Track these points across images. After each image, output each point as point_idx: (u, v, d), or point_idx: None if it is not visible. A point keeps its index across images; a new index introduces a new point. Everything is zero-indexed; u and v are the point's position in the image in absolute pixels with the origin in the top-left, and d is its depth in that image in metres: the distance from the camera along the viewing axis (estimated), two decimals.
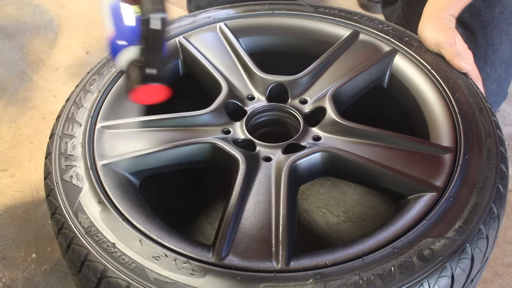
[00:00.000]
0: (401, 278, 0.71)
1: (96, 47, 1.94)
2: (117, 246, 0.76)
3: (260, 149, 0.93)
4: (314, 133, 0.96)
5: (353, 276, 0.72)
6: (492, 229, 0.80)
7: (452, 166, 0.86)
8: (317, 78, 1.06)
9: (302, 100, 1.03)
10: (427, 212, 0.80)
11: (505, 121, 1.64)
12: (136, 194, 0.89)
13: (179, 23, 1.16)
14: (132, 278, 0.73)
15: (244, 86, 1.05)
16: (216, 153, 0.93)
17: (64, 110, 0.98)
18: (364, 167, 0.89)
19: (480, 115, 0.94)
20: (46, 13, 2.12)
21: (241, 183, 0.85)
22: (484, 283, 1.22)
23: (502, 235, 1.31)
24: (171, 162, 0.93)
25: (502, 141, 0.92)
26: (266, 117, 1.03)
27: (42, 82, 1.80)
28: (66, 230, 0.80)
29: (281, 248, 0.76)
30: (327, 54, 1.08)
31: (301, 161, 0.89)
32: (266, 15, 1.18)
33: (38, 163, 1.51)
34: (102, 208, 0.81)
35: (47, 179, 0.88)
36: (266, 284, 0.71)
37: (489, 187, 0.83)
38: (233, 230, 0.80)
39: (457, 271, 0.74)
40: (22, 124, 1.64)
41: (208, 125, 0.97)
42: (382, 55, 1.07)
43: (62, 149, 0.90)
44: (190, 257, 0.75)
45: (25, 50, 1.94)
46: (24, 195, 1.43)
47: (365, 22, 1.14)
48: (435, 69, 1.02)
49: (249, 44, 1.15)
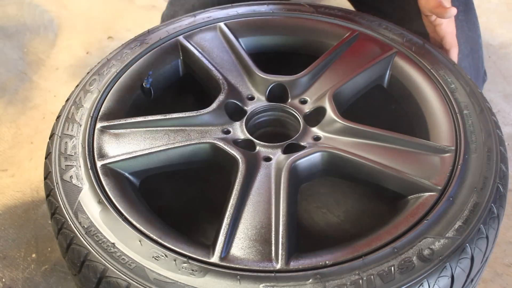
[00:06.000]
0: (401, 278, 0.71)
1: (96, 47, 1.94)
2: (117, 246, 0.76)
3: (260, 149, 0.93)
4: (314, 133, 0.96)
5: (353, 276, 0.72)
6: (492, 229, 0.80)
7: (452, 166, 0.86)
8: (317, 78, 1.06)
9: (302, 100, 1.03)
10: (427, 212, 0.80)
11: (505, 121, 1.64)
12: (136, 194, 0.89)
13: (179, 23, 1.16)
14: (132, 278, 0.73)
15: (244, 86, 1.05)
16: (216, 153, 0.93)
17: (64, 110, 0.98)
18: (364, 167, 0.89)
19: (480, 115, 0.94)
20: (46, 13, 2.12)
21: (241, 183, 0.85)
22: (484, 283, 1.22)
23: (502, 235, 1.31)
24: (171, 162, 0.93)
25: (502, 141, 0.92)
26: (266, 117, 1.03)
27: (42, 82, 1.80)
28: (66, 230, 0.80)
29: (281, 248, 0.76)
30: (327, 54, 1.08)
31: (301, 161, 0.89)
32: (266, 15, 1.18)
33: (38, 163, 1.51)
34: (102, 208, 0.81)
35: (47, 179, 0.88)
36: (266, 284, 0.72)
37: (489, 187, 0.83)
38: (233, 230, 0.80)
39: (457, 271, 0.74)
40: (22, 124, 1.64)
41: (208, 125, 0.97)
42: (382, 55, 1.07)
43: (62, 149, 0.90)
44: (190, 257, 0.75)
45: (25, 50, 1.94)
46: (24, 195, 1.43)
47: (365, 22, 1.14)
48: (435, 69, 1.02)
49: (249, 44, 1.15)
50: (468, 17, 1.33)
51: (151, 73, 1.06)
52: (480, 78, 1.38)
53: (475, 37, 1.35)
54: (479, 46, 1.36)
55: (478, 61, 1.36)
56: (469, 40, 1.31)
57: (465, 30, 1.27)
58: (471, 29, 1.34)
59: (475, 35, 1.35)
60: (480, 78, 1.38)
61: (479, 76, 1.37)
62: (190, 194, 1.26)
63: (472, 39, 1.33)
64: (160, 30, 1.13)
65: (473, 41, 1.34)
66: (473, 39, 1.34)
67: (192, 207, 1.26)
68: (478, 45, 1.36)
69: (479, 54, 1.36)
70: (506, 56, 1.88)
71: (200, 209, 1.26)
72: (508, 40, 1.96)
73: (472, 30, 1.34)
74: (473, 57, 1.33)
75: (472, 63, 1.33)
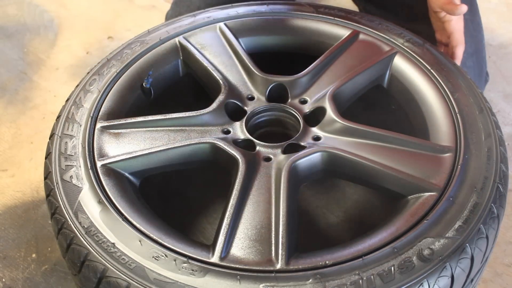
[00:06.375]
0: (401, 278, 0.71)
1: (96, 47, 1.94)
2: (117, 246, 0.76)
3: (260, 149, 0.93)
4: (314, 133, 0.96)
5: (353, 276, 0.72)
6: (492, 229, 0.80)
7: (452, 166, 0.86)
8: (317, 78, 1.06)
9: (302, 100, 1.03)
10: (427, 212, 0.80)
11: (505, 121, 1.64)
12: (136, 194, 0.89)
13: (179, 23, 1.16)
14: (132, 278, 0.73)
15: (244, 86, 1.05)
16: (216, 153, 0.93)
17: (64, 110, 0.98)
18: (364, 167, 0.89)
19: (480, 115, 0.94)
20: (46, 13, 2.12)
21: (241, 183, 0.85)
22: (484, 283, 1.22)
23: (502, 235, 1.31)
24: (171, 162, 0.93)
25: (502, 141, 0.92)
26: (266, 117, 1.03)
27: (42, 82, 1.80)
28: (66, 230, 0.80)
29: (281, 248, 0.76)
30: (327, 54, 1.08)
31: (301, 161, 0.89)
32: (266, 15, 1.18)
33: (38, 163, 1.51)
34: (102, 208, 0.81)
35: (47, 179, 0.88)
36: (266, 284, 0.71)
37: (489, 187, 0.83)
38: (233, 230, 0.80)
39: (457, 271, 0.74)
40: (22, 124, 1.64)
41: (208, 125, 0.97)
42: (382, 55, 1.07)
43: (62, 149, 0.90)
44: (190, 257, 0.75)
45: (25, 50, 1.94)
46: (24, 195, 1.43)
47: (365, 22, 1.14)
48: (435, 69, 1.02)
49: (249, 44, 1.15)
50: (473, 17, 1.34)
51: (151, 73, 1.06)
52: (482, 78, 1.38)
53: (479, 37, 1.35)
54: (482, 46, 1.36)
55: (482, 62, 1.36)
56: (474, 39, 1.31)
57: (470, 30, 1.27)
58: (475, 28, 1.34)
59: (479, 35, 1.35)
60: (483, 78, 1.38)
61: (482, 76, 1.37)
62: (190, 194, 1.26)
63: (476, 39, 1.33)
64: (160, 30, 1.13)
65: (478, 40, 1.33)
66: (477, 38, 1.33)
67: (192, 207, 1.26)
68: (482, 46, 1.36)
69: (483, 54, 1.36)
70: (506, 56, 1.88)
71: (200, 209, 1.27)
72: (508, 40, 1.96)
73: (477, 30, 1.34)
74: (477, 57, 1.33)
75: (476, 62, 1.32)
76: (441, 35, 1.19)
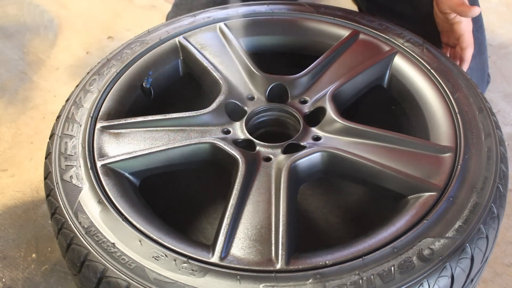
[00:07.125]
0: (401, 278, 0.71)
1: (96, 47, 1.94)
2: (117, 246, 0.76)
3: (260, 149, 0.93)
4: (314, 133, 0.96)
5: (353, 276, 0.72)
6: (492, 229, 0.80)
7: (452, 166, 0.86)
8: (317, 78, 1.06)
9: (302, 100, 1.03)
10: (427, 212, 0.80)
11: (505, 121, 1.64)
12: (136, 194, 0.89)
13: (179, 23, 1.16)
14: (132, 278, 0.73)
15: (244, 86, 1.05)
16: (216, 153, 0.93)
17: (64, 110, 0.98)
18: (364, 167, 0.89)
19: (480, 115, 0.94)
20: (46, 13, 2.12)
21: (241, 183, 0.85)
22: (484, 283, 1.22)
23: (502, 235, 1.31)
24: (171, 162, 0.93)
25: (502, 141, 0.92)
26: (266, 117, 1.03)
27: (42, 82, 1.80)
28: (66, 230, 0.80)
29: (281, 248, 0.76)
30: (327, 54, 1.08)
31: (301, 161, 0.89)
32: (266, 15, 1.18)
33: (38, 163, 1.51)
34: (102, 208, 0.81)
35: (47, 179, 0.88)
36: (266, 284, 0.71)
37: (489, 187, 0.83)
38: (233, 230, 0.80)
39: (457, 271, 0.74)
40: (22, 124, 1.64)
41: (208, 125, 0.97)
42: (382, 55, 1.07)
43: (62, 149, 0.90)
44: (190, 257, 0.75)
45: (25, 50, 1.94)
46: (24, 195, 1.43)
47: (365, 22, 1.14)
48: (435, 69, 1.02)
49: (249, 44, 1.15)
50: (476, 18, 1.33)
51: (151, 73, 1.06)
52: (484, 79, 1.37)
53: (482, 39, 1.34)
54: (484, 48, 1.35)
55: (484, 63, 1.35)
56: (477, 41, 1.30)
57: (473, 31, 1.27)
58: (478, 30, 1.33)
59: (481, 37, 1.34)
60: (485, 80, 1.38)
61: (484, 77, 1.37)
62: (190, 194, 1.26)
63: (479, 40, 1.32)
64: (160, 30, 1.13)
65: (480, 42, 1.33)
66: (480, 40, 1.33)
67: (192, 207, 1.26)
68: (484, 47, 1.35)
69: (485, 56, 1.35)
70: (506, 56, 1.88)
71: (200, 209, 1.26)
72: (508, 40, 1.96)
73: (479, 31, 1.33)
74: (480, 58, 1.32)
75: (478, 64, 1.32)
76: (448, 37, 1.17)
